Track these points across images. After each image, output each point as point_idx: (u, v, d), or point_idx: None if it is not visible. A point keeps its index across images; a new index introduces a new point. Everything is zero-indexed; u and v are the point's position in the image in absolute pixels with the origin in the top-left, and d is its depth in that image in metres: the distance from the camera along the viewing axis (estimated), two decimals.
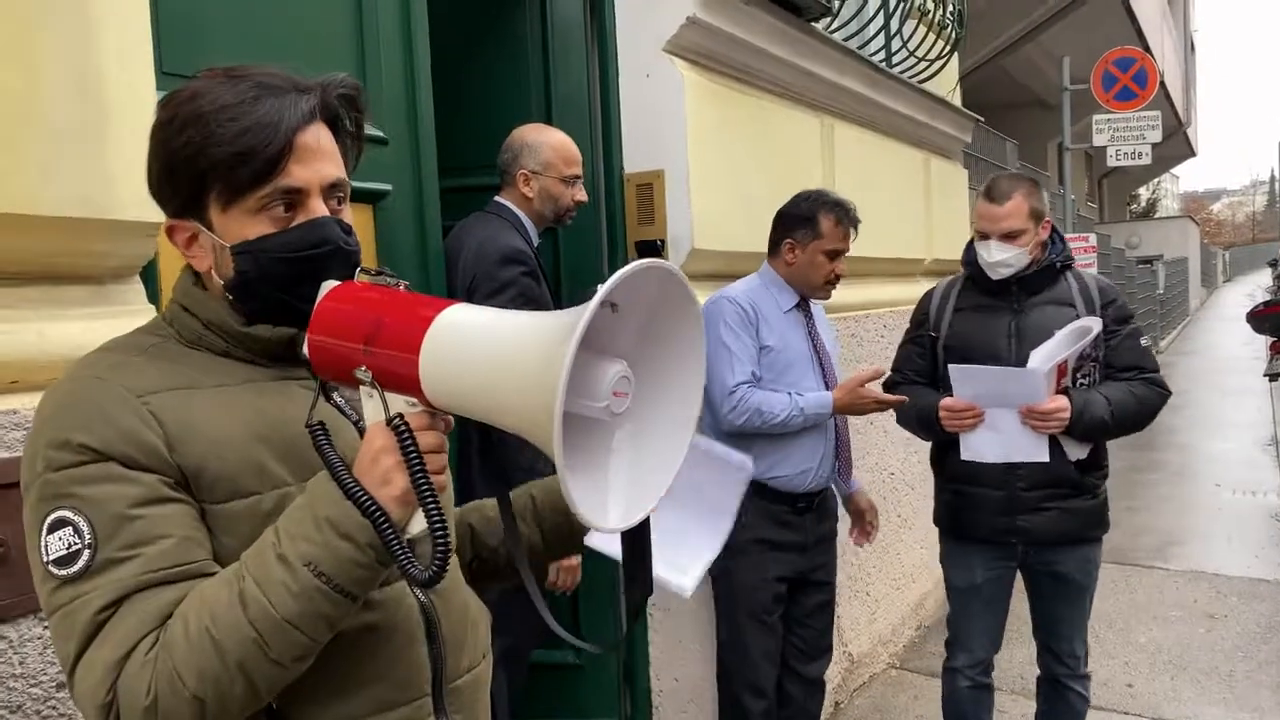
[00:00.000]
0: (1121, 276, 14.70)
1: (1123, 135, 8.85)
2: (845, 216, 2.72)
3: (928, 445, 2.94)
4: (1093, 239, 8.62)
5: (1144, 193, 40.19)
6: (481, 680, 1.20)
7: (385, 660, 1.07)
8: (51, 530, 0.93)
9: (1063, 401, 2.52)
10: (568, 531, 1.29)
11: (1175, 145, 24.57)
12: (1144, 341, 2.69)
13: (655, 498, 0.95)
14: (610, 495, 0.93)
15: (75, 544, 0.92)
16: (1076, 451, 2.61)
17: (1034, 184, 2.71)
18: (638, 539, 1.01)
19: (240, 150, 0.99)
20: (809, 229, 2.70)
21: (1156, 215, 39.13)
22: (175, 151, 1.01)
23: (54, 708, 1.44)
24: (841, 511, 3.01)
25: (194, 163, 1.00)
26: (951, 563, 2.88)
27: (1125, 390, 2.58)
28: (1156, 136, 8.81)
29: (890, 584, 4.34)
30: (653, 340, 0.94)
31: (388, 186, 2.32)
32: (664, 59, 3.02)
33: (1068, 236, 4.14)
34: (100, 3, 1.53)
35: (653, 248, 3.06)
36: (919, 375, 2.83)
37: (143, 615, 0.92)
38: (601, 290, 0.82)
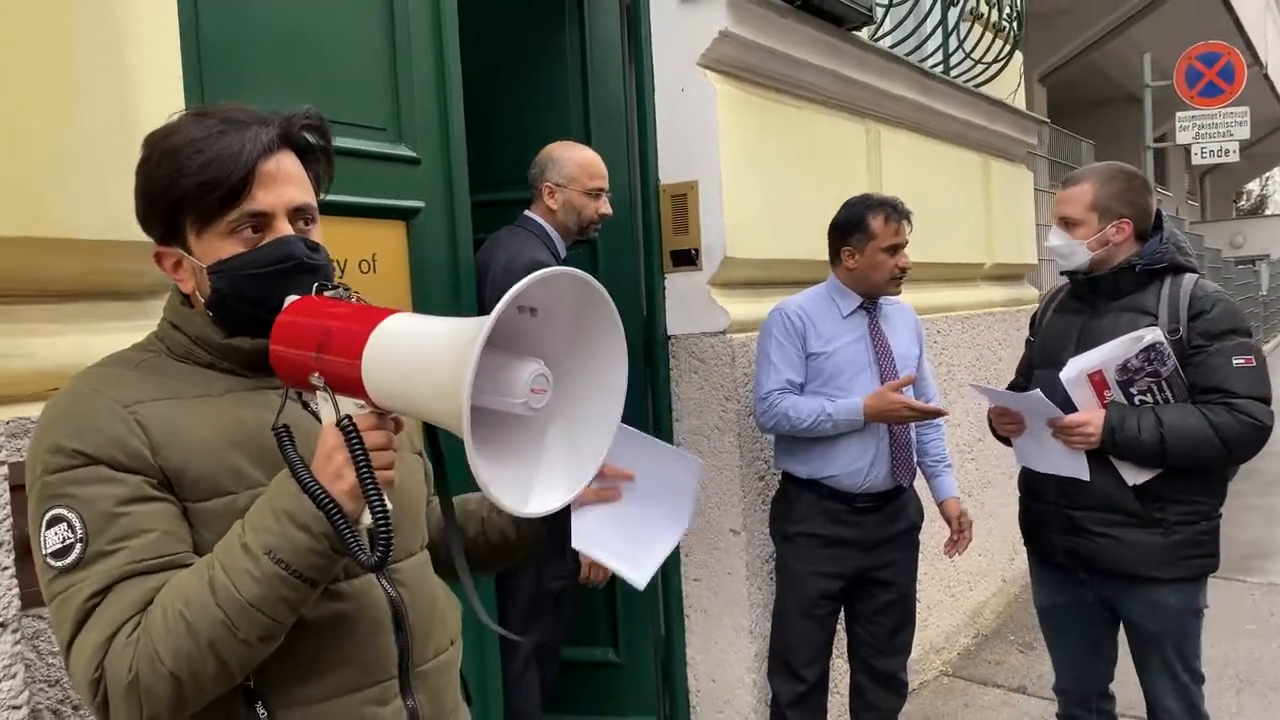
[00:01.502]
0: (1217, 278, 14.11)
1: (1208, 132, 8.53)
2: (893, 212, 2.78)
3: (987, 451, 2.84)
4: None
5: (1254, 188, 38.41)
6: (449, 665, 1.29)
7: (353, 645, 1.16)
8: (49, 526, 1.05)
9: (1088, 416, 2.36)
10: (545, 532, 1.37)
11: None
12: (1239, 362, 2.32)
13: (576, 489, 1.04)
14: (535, 485, 1.02)
15: (69, 538, 1.04)
16: (1133, 476, 2.37)
17: (1119, 176, 2.49)
18: (559, 529, 1.11)
19: (206, 180, 1.10)
20: (861, 232, 2.77)
21: (1266, 212, 37.34)
22: (153, 184, 1.13)
23: None
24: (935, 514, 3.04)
25: (168, 193, 1.12)
26: (1033, 580, 2.76)
27: (1196, 414, 2.29)
28: (1245, 133, 8.47)
29: (943, 590, 4.30)
30: (581, 343, 1.04)
31: (420, 203, 2.43)
32: (698, 72, 3.09)
33: None
34: (135, 44, 1.68)
35: (687, 257, 3.13)
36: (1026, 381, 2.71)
37: (127, 601, 1.03)
38: (507, 296, 0.91)
